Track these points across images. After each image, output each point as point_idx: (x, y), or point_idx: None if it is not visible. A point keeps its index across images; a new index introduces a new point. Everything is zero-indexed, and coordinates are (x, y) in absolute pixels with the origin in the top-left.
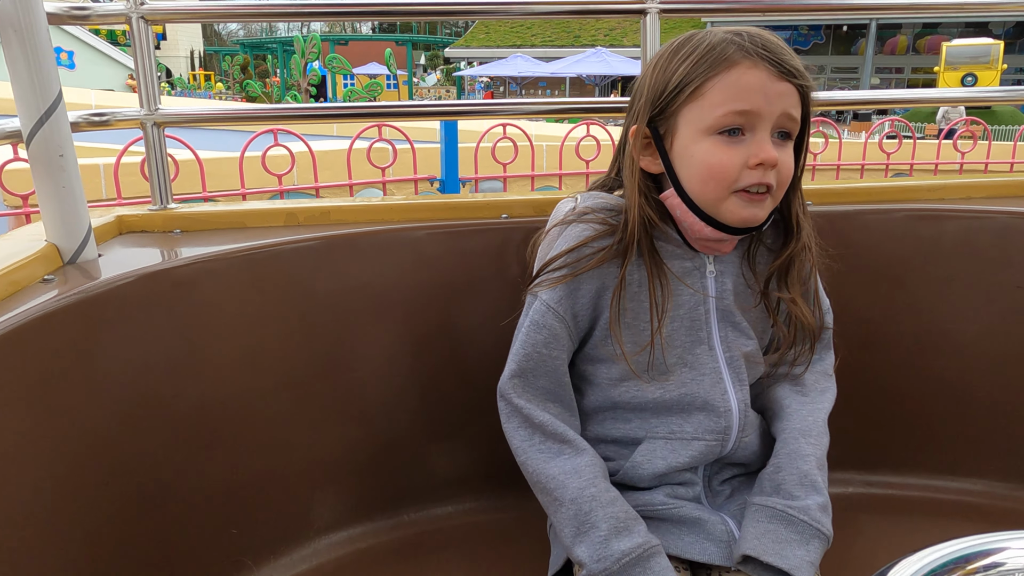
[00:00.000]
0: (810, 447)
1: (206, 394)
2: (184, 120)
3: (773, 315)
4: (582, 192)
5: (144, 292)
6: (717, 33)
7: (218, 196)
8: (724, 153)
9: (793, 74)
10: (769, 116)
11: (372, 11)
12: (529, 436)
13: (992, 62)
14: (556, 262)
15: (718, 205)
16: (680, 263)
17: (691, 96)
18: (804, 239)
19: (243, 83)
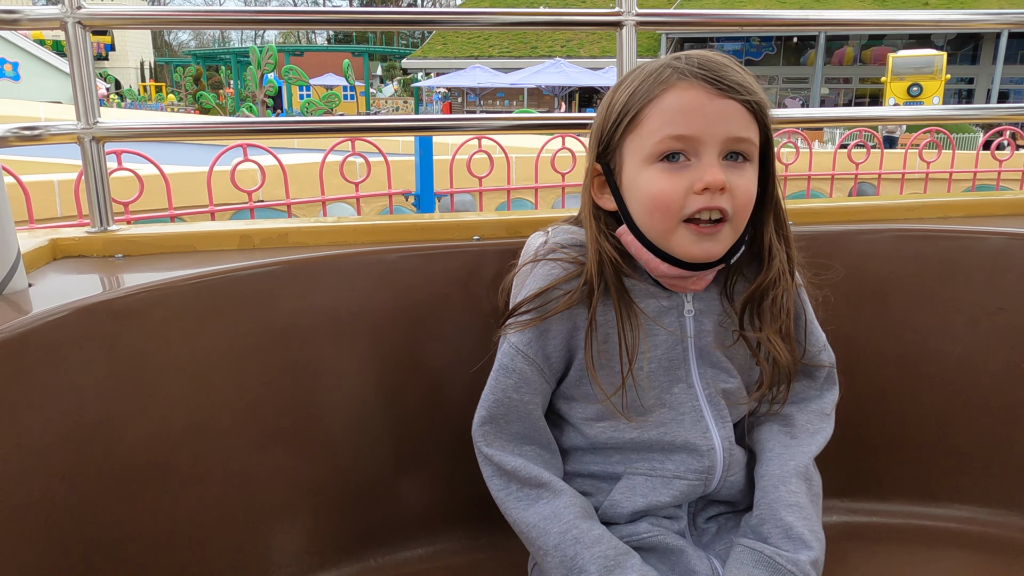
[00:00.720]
0: (793, 495)
1: (153, 436)
2: (125, 134)
3: (755, 352)
4: (554, 226)
5: (81, 327)
6: (657, 61)
7: (185, 213)
8: (666, 181)
9: (736, 90)
10: (712, 138)
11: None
12: (505, 484)
13: (936, 72)
14: (524, 306)
15: (668, 238)
16: (656, 303)
17: (630, 125)
18: (777, 269)
19: (196, 95)
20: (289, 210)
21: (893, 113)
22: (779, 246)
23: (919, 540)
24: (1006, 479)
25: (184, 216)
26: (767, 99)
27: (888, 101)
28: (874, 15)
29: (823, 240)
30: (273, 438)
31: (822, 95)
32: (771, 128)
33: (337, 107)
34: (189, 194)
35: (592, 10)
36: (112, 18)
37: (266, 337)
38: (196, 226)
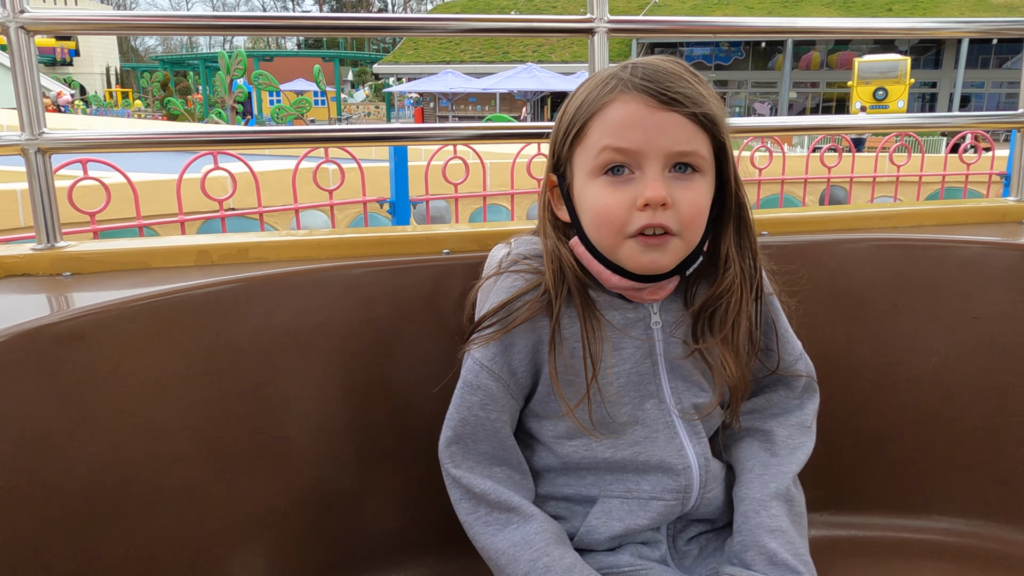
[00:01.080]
0: (774, 519)
1: (104, 466)
2: (72, 146)
3: (709, 365)
4: (516, 236)
5: (20, 353)
6: (609, 69)
7: (154, 223)
8: (610, 195)
9: (680, 102)
10: (654, 151)
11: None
12: (474, 508)
13: (900, 76)
14: (487, 319)
15: (616, 251)
16: (622, 314)
17: (576, 138)
18: (731, 279)
19: (164, 100)
20: (261, 219)
21: (863, 121)
22: (736, 256)
23: (898, 553)
24: (983, 490)
25: (154, 226)
26: (719, 108)
27: (855, 105)
28: (839, 22)
29: (799, 250)
30: (232, 462)
31: (790, 99)
32: (725, 138)
33: (308, 113)
34: (158, 203)
35: (564, 16)
36: (57, 22)
37: (225, 358)
38: (150, 241)
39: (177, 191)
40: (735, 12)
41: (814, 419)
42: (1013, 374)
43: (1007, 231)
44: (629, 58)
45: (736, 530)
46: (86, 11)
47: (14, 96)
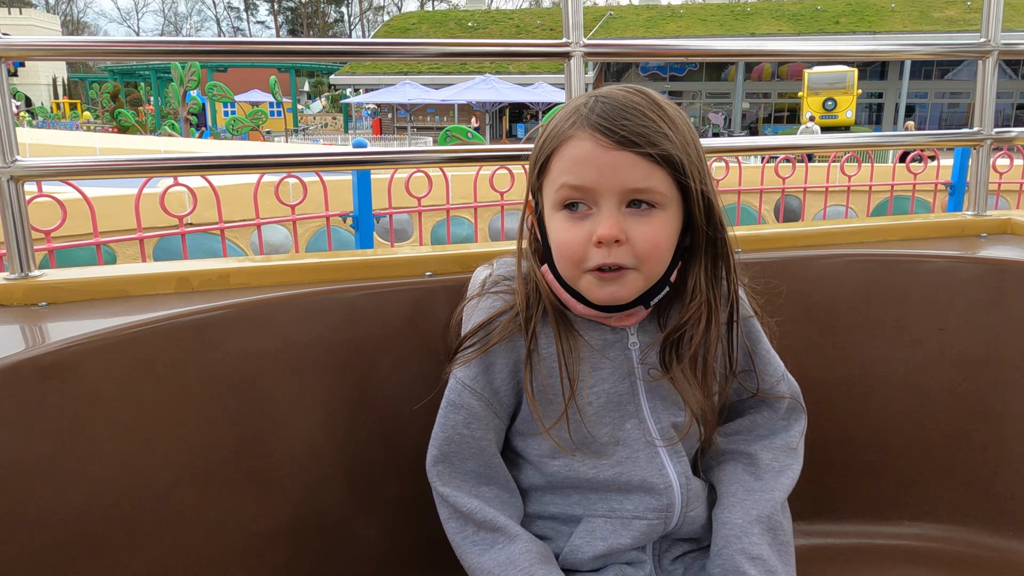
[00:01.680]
0: (755, 547)
1: (88, 497)
2: (48, 173)
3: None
4: (499, 258)
5: (4, 386)
6: (579, 99)
7: (112, 241)
8: (569, 230)
9: (633, 142)
10: (607, 189)
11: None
12: (461, 527)
13: (848, 87)
14: (467, 340)
15: (576, 283)
16: (600, 335)
17: (543, 171)
18: (696, 310)
19: (114, 112)
20: (223, 234)
21: (827, 140)
22: (705, 286)
23: (873, 559)
24: (951, 496)
25: (112, 244)
26: (681, 144)
27: (805, 115)
28: (797, 45)
29: (771, 267)
30: (220, 489)
31: (744, 109)
32: (687, 176)
33: (264, 124)
34: (115, 218)
35: (541, 41)
36: (29, 49)
37: (210, 385)
38: (128, 268)
39: (136, 208)
40: (688, 24)
41: (801, 441)
42: (976, 383)
43: (967, 244)
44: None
45: (716, 553)
46: (55, 38)
47: None
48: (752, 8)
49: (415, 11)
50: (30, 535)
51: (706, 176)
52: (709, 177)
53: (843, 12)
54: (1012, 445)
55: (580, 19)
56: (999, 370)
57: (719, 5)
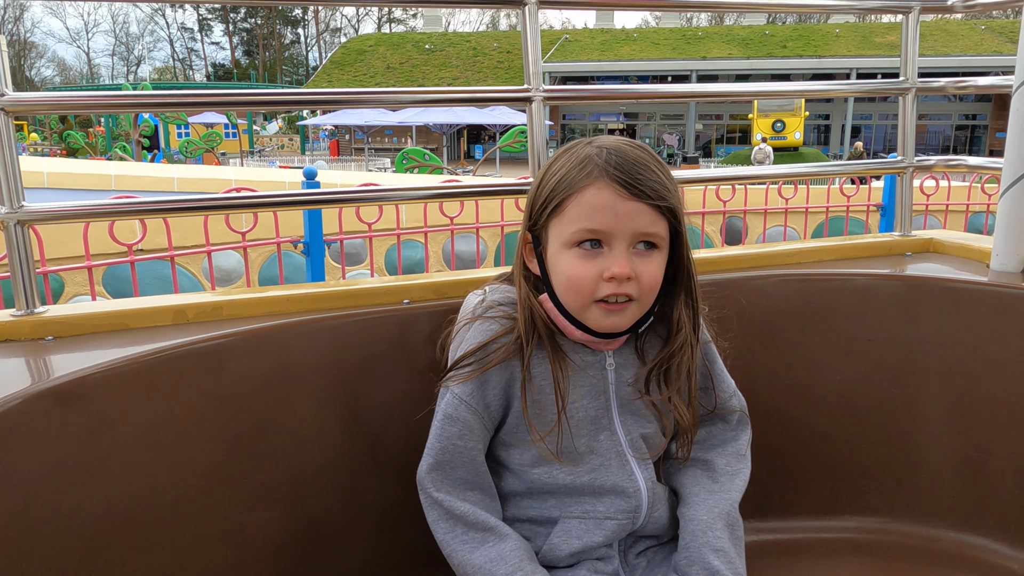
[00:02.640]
0: (718, 539)
1: (100, 516)
2: (53, 217)
3: (657, 409)
4: (490, 284)
5: (30, 414)
6: (586, 149)
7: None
8: (581, 267)
9: (647, 195)
10: (622, 233)
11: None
12: (451, 528)
13: (796, 110)
14: (465, 360)
15: (582, 313)
16: (581, 356)
17: (555, 211)
18: (683, 340)
19: (63, 134)
20: (172, 261)
21: (766, 171)
22: (686, 318)
23: (819, 552)
24: (885, 491)
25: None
26: (677, 196)
27: (756, 136)
28: (741, 87)
29: (717, 286)
30: (219, 505)
31: (697, 130)
32: (681, 224)
33: (219, 146)
34: (62, 246)
35: (504, 87)
36: (36, 104)
37: (208, 408)
38: (127, 303)
39: (84, 235)
40: (642, 47)
41: (748, 448)
42: (903, 388)
43: (893, 263)
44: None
45: (683, 547)
46: (62, 93)
47: None
48: (704, 32)
49: (372, 33)
50: (53, 544)
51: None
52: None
53: (790, 37)
54: (933, 444)
55: (539, 68)
56: (921, 376)
57: (671, 29)
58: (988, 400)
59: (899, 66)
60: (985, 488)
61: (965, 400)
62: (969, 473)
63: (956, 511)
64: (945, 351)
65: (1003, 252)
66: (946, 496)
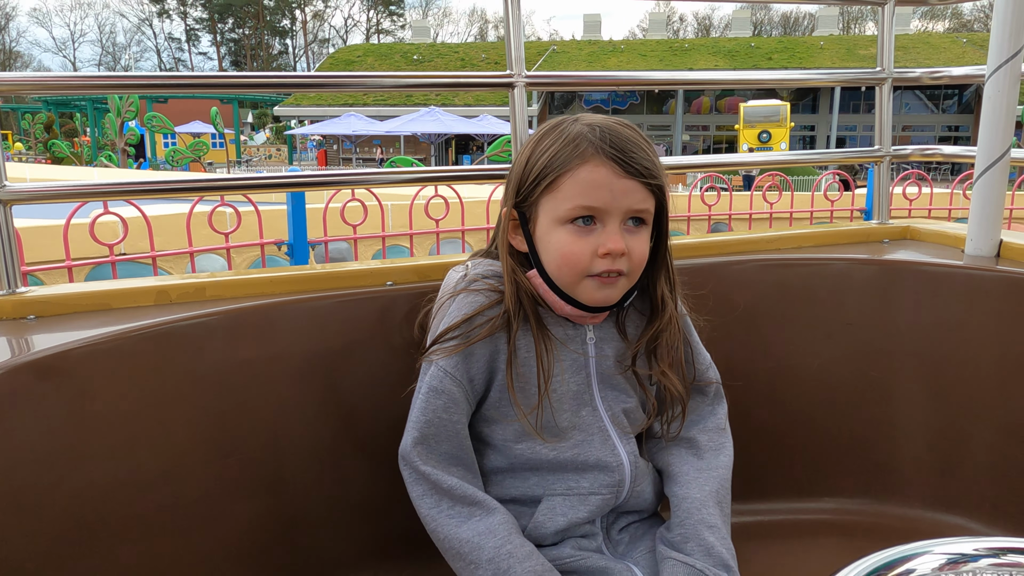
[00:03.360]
0: (712, 517)
1: (84, 490)
2: (34, 196)
3: (642, 384)
4: (473, 259)
5: (10, 387)
6: (575, 127)
7: (39, 270)
8: (576, 243)
9: (641, 173)
10: (616, 210)
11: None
12: (437, 502)
13: (782, 120)
14: (450, 332)
15: (574, 287)
16: (563, 330)
17: (548, 188)
18: (669, 315)
19: (48, 143)
20: (155, 263)
21: (747, 159)
22: (670, 295)
23: (798, 533)
24: (863, 473)
25: (38, 273)
26: (665, 178)
27: (742, 146)
28: (721, 75)
29: (699, 271)
30: (198, 486)
31: (684, 141)
32: (667, 200)
33: (206, 156)
34: (43, 249)
35: (486, 72)
36: (19, 83)
37: (189, 389)
38: (110, 284)
39: (64, 236)
40: (629, 58)
41: (727, 421)
42: (881, 371)
43: (871, 249)
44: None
45: (678, 523)
46: (48, 74)
47: None
48: (690, 44)
49: (360, 44)
50: (31, 522)
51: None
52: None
53: (775, 49)
54: (909, 426)
55: (522, 53)
56: (898, 359)
57: (658, 41)
58: (963, 381)
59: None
60: (961, 468)
61: (941, 381)
62: (945, 453)
63: (933, 491)
64: (921, 333)
65: (977, 237)
66: (923, 476)
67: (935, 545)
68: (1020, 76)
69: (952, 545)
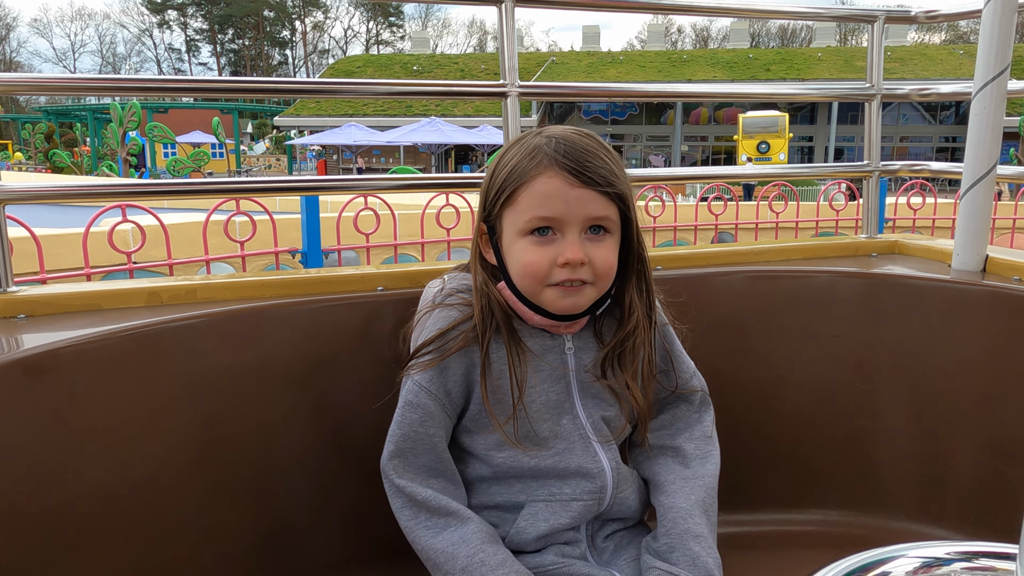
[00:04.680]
0: (698, 526)
1: (70, 492)
2: (26, 196)
3: (615, 392)
4: (449, 272)
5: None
6: (535, 139)
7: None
8: (535, 253)
9: (596, 182)
10: (573, 219)
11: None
12: (414, 515)
13: (780, 131)
14: (425, 348)
15: (538, 297)
16: (540, 341)
17: (507, 201)
18: (635, 322)
19: (48, 153)
20: (171, 270)
21: (747, 171)
22: (639, 302)
23: (786, 544)
24: (849, 485)
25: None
26: (625, 182)
27: (741, 157)
28: (717, 87)
29: (688, 282)
30: (187, 491)
31: (682, 152)
32: (630, 208)
33: (206, 165)
34: (61, 257)
35: (480, 82)
36: (17, 84)
37: (179, 390)
38: (101, 284)
39: (84, 244)
40: (628, 69)
41: (713, 428)
42: (869, 383)
43: (859, 263)
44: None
45: (664, 533)
46: (46, 75)
47: None
48: (688, 56)
49: (360, 54)
50: (14, 523)
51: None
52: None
53: (774, 60)
54: (894, 437)
55: (515, 63)
56: (884, 370)
57: (657, 52)
58: (948, 393)
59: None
60: (945, 480)
61: (926, 394)
62: (930, 465)
63: (917, 503)
64: (907, 346)
65: (963, 251)
66: (907, 488)
67: (909, 549)
68: (1006, 94)
69: (925, 549)
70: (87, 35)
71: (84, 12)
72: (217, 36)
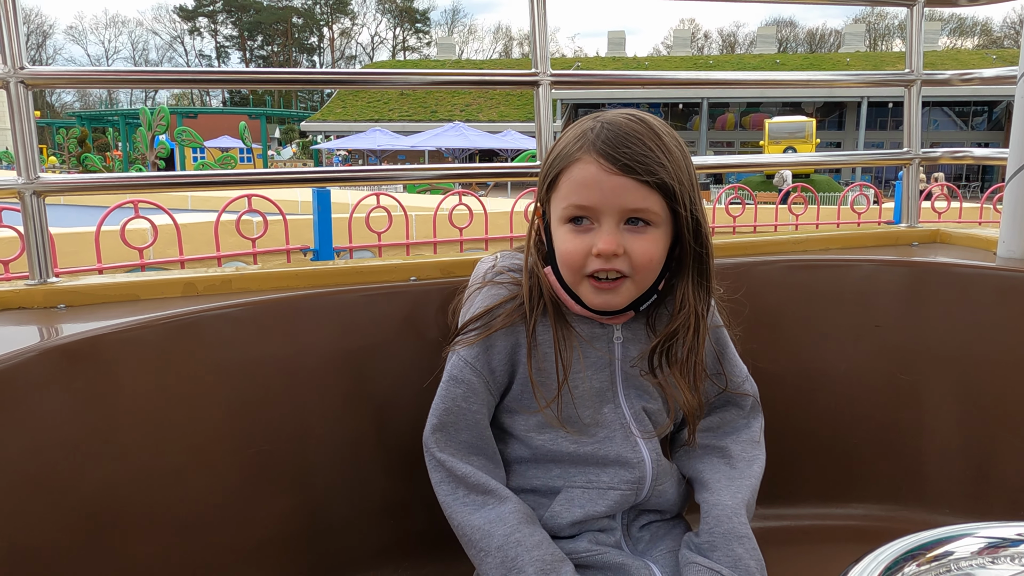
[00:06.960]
0: (742, 527)
1: (109, 477)
2: (66, 188)
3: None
4: (503, 251)
5: (39, 369)
6: (588, 123)
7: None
8: (572, 241)
9: (633, 169)
10: (609, 209)
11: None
12: (453, 490)
13: (807, 137)
14: (471, 324)
15: (576, 287)
16: (589, 328)
17: (551, 187)
18: (685, 318)
19: (80, 157)
20: (183, 267)
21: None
22: (693, 298)
23: (825, 539)
24: (890, 478)
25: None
26: (675, 170)
27: None
28: (749, 75)
29: (725, 272)
30: (223, 479)
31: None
32: (678, 201)
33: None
34: (74, 255)
35: (511, 70)
36: (55, 77)
37: (215, 379)
38: (139, 276)
39: (96, 242)
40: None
41: (761, 434)
42: (910, 374)
43: (900, 252)
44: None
45: (707, 530)
46: (80, 68)
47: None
48: (715, 61)
49: (386, 60)
50: (52, 507)
51: (696, 197)
52: (699, 197)
53: (801, 65)
54: (937, 429)
55: (547, 52)
56: (927, 361)
57: (683, 58)
58: (995, 384)
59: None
60: (993, 474)
61: (972, 385)
62: (975, 459)
63: (962, 498)
64: (951, 336)
65: (1009, 238)
66: (952, 483)
67: (977, 528)
68: None
69: (994, 529)
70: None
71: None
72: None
